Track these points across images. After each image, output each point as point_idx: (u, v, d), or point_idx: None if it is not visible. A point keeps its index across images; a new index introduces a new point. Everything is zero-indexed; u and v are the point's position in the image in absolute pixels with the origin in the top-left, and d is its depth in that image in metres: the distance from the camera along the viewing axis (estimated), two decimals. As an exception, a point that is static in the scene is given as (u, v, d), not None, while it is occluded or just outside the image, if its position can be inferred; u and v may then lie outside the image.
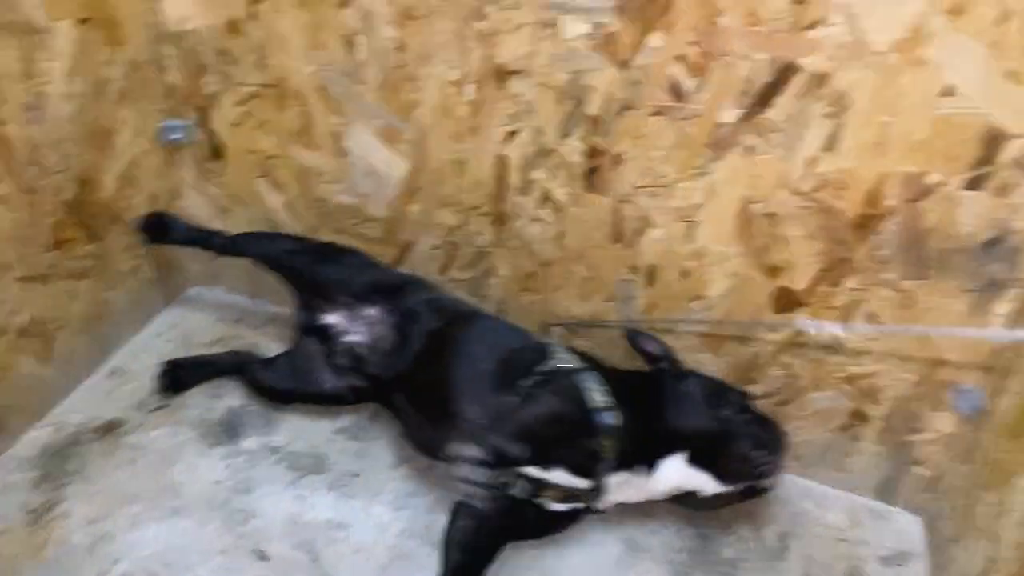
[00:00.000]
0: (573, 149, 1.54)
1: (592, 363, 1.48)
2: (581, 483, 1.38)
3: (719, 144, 1.45)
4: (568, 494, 1.39)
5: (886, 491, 1.68)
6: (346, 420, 1.71)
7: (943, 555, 1.50)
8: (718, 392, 1.51)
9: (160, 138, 1.78)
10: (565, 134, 1.53)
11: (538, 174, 1.59)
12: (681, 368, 1.55)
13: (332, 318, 1.60)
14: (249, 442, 1.64)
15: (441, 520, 1.47)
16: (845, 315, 1.52)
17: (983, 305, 1.42)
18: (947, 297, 1.44)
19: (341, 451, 1.65)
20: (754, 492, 1.48)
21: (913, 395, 1.56)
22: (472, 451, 1.25)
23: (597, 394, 1.39)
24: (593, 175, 1.55)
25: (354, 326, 1.59)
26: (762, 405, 1.65)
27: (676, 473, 1.42)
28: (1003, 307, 1.41)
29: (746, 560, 1.53)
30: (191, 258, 1.98)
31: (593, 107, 1.48)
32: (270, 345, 1.87)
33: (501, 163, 1.60)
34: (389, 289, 1.61)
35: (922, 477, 1.63)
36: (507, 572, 1.44)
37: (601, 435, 1.36)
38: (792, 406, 1.65)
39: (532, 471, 1.35)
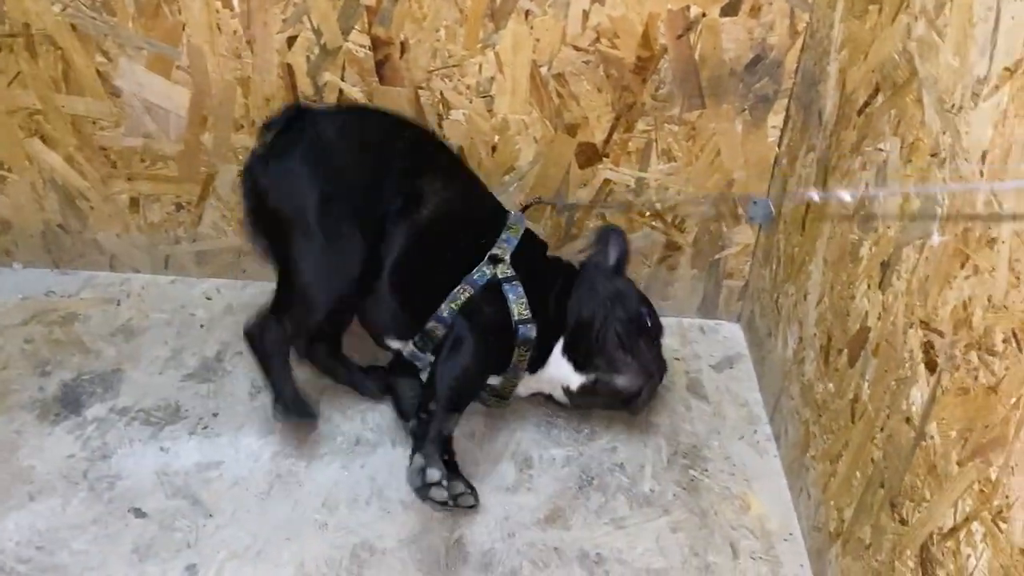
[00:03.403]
0: (357, 43, 1.53)
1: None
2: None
3: (497, 13, 1.48)
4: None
5: (707, 308, 1.86)
6: (192, 365, 1.68)
7: (763, 349, 1.70)
8: (623, 295, 1.53)
9: (-100, 115, 1.60)
10: (346, 29, 1.51)
11: (328, 76, 1.57)
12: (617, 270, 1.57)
13: None
14: (94, 410, 1.57)
15: (308, 435, 1.54)
16: (642, 157, 1.63)
17: (757, 121, 1.57)
18: (725, 121, 1.57)
19: (193, 395, 1.62)
20: (620, 402, 1.52)
21: (713, 217, 1.71)
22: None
23: (520, 308, 1.44)
24: (384, 67, 1.55)
25: None
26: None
27: (553, 361, 1.50)
28: (775, 119, 1.57)
29: (600, 397, 1.67)
30: (-26, 239, 1.83)
31: (367, -3, 1.47)
32: (89, 312, 1.78)
33: (287, 72, 1.57)
34: None
35: (734, 288, 1.82)
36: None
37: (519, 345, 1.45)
38: (613, 251, 1.77)
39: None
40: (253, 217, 1.48)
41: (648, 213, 1.71)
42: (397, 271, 1.43)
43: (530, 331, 1.44)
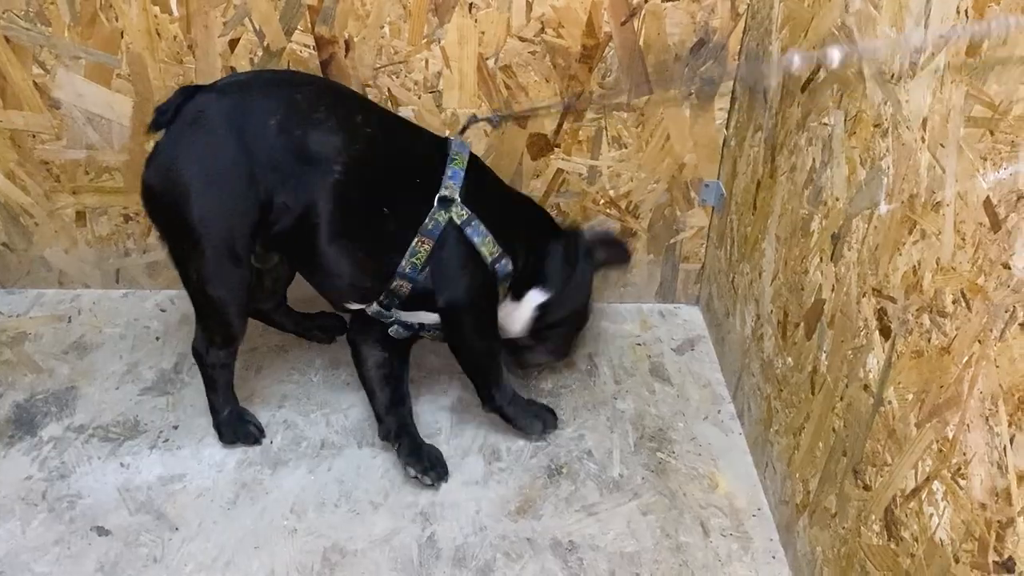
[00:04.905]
0: (301, 44, 1.51)
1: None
2: None
3: (441, 8, 1.48)
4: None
5: (666, 292, 1.88)
6: (149, 378, 1.65)
7: (722, 329, 1.72)
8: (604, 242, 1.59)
9: None
10: (289, 30, 1.49)
11: (273, 78, 1.55)
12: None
13: None
14: (50, 430, 1.54)
15: (272, 441, 1.52)
16: (593, 146, 1.64)
17: (704, 104, 1.59)
18: (673, 106, 1.59)
19: (152, 409, 1.59)
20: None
21: (667, 202, 1.73)
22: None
23: (489, 248, 1.40)
24: (329, 66, 1.54)
25: None
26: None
27: (526, 304, 1.53)
28: (721, 102, 1.58)
29: (565, 385, 1.67)
30: (-86, 262, 1.78)
31: (309, -4, 1.46)
32: (39, 330, 1.74)
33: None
34: None
35: (691, 271, 1.84)
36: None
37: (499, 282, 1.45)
38: (570, 241, 1.78)
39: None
40: (158, 230, 1.39)
41: (602, 201, 1.72)
42: (337, 236, 1.33)
43: (507, 265, 1.42)
